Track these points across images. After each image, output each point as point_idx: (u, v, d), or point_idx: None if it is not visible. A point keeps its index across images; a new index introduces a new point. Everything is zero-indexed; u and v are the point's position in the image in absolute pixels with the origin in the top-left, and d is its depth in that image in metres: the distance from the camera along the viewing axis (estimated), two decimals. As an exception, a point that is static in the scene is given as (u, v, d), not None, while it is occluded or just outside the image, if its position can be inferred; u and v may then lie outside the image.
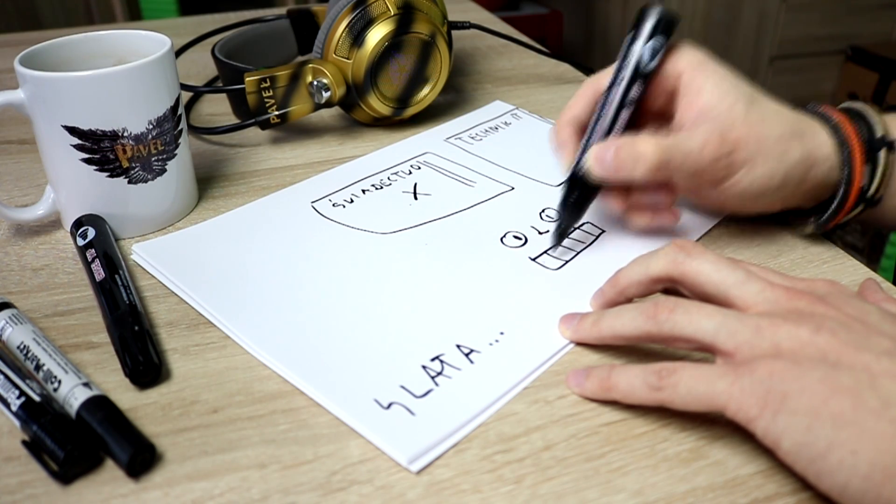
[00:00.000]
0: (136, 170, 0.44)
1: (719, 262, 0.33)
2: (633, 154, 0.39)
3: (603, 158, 0.40)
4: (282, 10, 0.71)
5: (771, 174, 0.40)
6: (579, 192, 0.42)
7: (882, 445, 0.25)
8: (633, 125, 0.42)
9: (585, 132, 0.43)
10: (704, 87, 0.40)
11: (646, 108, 0.43)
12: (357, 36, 0.55)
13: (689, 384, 0.29)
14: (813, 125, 0.41)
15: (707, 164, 0.39)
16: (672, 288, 0.35)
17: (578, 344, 0.36)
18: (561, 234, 0.43)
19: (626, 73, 0.41)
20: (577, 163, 0.42)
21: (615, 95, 0.41)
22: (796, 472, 0.28)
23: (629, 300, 0.36)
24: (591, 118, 0.42)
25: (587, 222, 0.46)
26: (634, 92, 0.41)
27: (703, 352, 0.31)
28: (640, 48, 0.40)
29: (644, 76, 0.40)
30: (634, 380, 0.31)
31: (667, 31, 0.40)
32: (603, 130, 0.41)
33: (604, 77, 0.43)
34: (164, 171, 0.46)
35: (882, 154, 0.41)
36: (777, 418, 0.27)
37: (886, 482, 0.25)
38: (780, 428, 0.27)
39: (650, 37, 0.40)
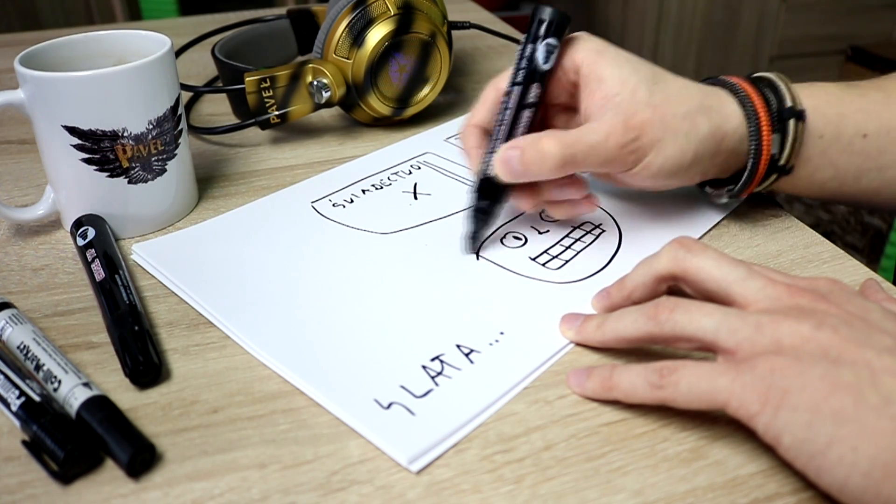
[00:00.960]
0: (136, 170, 0.44)
1: (721, 258, 0.33)
2: (538, 154, 0.39)
3: (509, 161, 0.39)
4: (282, 10, 0.71)
5: (682, 152, 0.40)
6: (488, 196, 0.42)
7: (882, 442, 0.25)
8: (541, 122, 0.42)
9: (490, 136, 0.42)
10: (604, 74, 0.40)
11: (551, 103, 0.43)
12: (357, 36, 0.55)
13: (690, 381, 0.29)
14: (720, 97, 0.41)
15: (614, 154, 0.39)
16: (677, 288, 0.35)
17: (578, 344, 0.36)
18: (474, 240, 0.43)
19: (523, 76, 0.40)
20: (485, 167, 0.42)
21: (514, 98, 0.41)
22: (796, 468, 0.28)
23: (635, 304, 0.36)
24: (493, 122, 0.42)
25: (586, 222, 0.46)
26: (533, 93, 0.41)
27: (705, 351, 0.31)
28: (534, 50, 0.40)
29: (541, 76, 0.41)
30: (636, 378, 0.31)
31: (559, 30, 0.40)
32: (505, 133, 0.41)
33: (503, 80, 0.42)
34: (164, 171, 0.46)
35: (791, 124, 0.41)
36: (778, 414, 0.27)
37: (886, 479, 0.25)
38: (780, 424, 0.27)
39: (544, 37, 0.40)
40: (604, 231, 0.45)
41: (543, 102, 0.42)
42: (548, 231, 0.45)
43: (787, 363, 0.28)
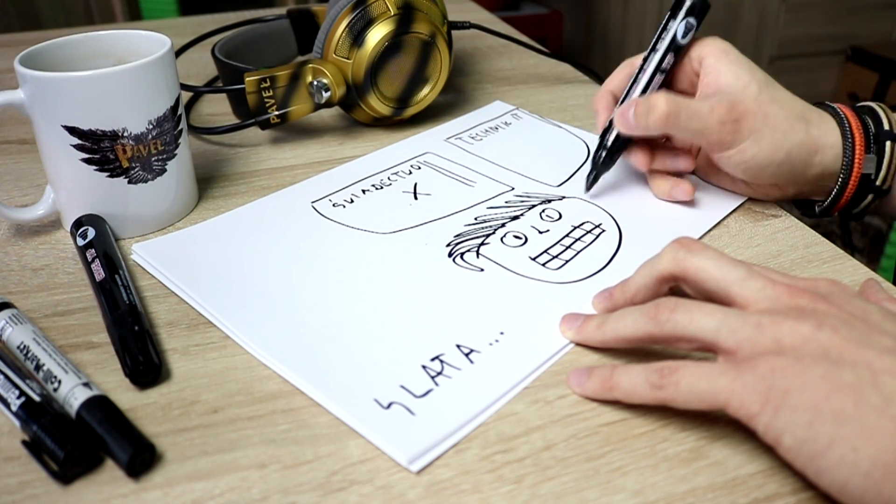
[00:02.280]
0: (136, 170, 0.44)
1: (721, 258, 0.33)
2: (648, 105, 0.44)
3: (625, 113, 0.45)
4: (282, 10, 0.71)
5: (776, 149, 0.43)
6: (608, 148, 0.48)
7: (883, 443, 0.25)
8: None
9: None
10: (723, 69, 0.44)
11: (675, 89, 0.48)
12: (357, 36, 0.55)
13: (690, 382, 0.29)
14: (821, 115, 0.45)
15: (713, 126, 0.43)
16: (678, 289, 0.35)
17: (578, 344, 0.36)
18: (593, 182, 0.49)
19: (662, 46, 0.46)
20: (610, 123, 0.48)
21: (649, 64, 0.47)
22: (796, 469, 0.28)
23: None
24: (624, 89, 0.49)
25: (587, 221, 0.46)
26: (667, 62, 0.46)
27: (705, 351, 0.31)
28: (676, 25, 0.46)
29: (677, 49, 0.46)
30: (636, 378, 0.31)
31: (700, 14, 0.46)
32: (635, 92, 0.47)
33: (639, 58, 0.48)
34: (164, 171, 0.46)
35: (888, 145, 0.44)
36: (778, 414, 0.27)
37: (886, 479, 0.25)
38: (781, 424, 0.27)
39: (685, 16, 0.46)
40: (604, 231, 0.45)
41: (670, 82, 0.48)
42: (548, 231, 0.45)
43: (788, 363, 0.28)
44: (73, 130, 0.42)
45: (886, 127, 0.44)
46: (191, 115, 0.64)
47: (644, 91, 0.47)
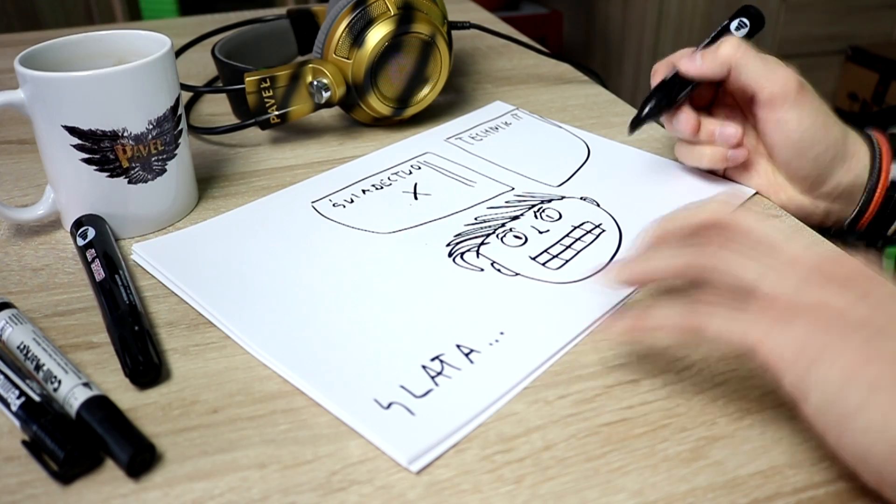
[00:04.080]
0: (136, 170, 0.44)
1: (768, 218, 0.33)
2: (714, 48, 0.47)
3: (692, 57, 0.48)
4: (282, 10, 0.71)
5: (826, 128, 0.45)
6: (662, 96, 0.49)
7: None
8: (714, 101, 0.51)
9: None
10: (775, 70, 0.46)
11: (720, 101, 0.51)
12: (357, 36, 0.55)
13: (727, 317, 0.29)
14: (853, 131, 0.47)
15: (766, 83, 0.45)
16: (702, 281, 0.35)
17: (581, 343, 0.36)
18: (636, 124, 0.50)
19: (717, 31, 0.50)
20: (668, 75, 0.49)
21: (707, 40, 0.50)
22: (816, 430, 0.27)
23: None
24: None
25: (587, 221, 0.46)
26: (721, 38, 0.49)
27: (738, 301, 0.31)
28: (730, 21, 0.50)
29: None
30: (670, 310, 0.31)
31: (755, 22, 0.49)
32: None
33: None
34: (164, 171, 0.46)
35: None
36: (811, 370, 0.27)
37: None
38: (811, 380, 0.27)
39: (739, 16, 0.49)
40: (604, 231, 0.45)
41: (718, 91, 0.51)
42: (548, 231, 0.45)
43: (832, 321, 0.28)
44: (73, 130, 0.42)
45: None
46: (191, 115, 0.64)
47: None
